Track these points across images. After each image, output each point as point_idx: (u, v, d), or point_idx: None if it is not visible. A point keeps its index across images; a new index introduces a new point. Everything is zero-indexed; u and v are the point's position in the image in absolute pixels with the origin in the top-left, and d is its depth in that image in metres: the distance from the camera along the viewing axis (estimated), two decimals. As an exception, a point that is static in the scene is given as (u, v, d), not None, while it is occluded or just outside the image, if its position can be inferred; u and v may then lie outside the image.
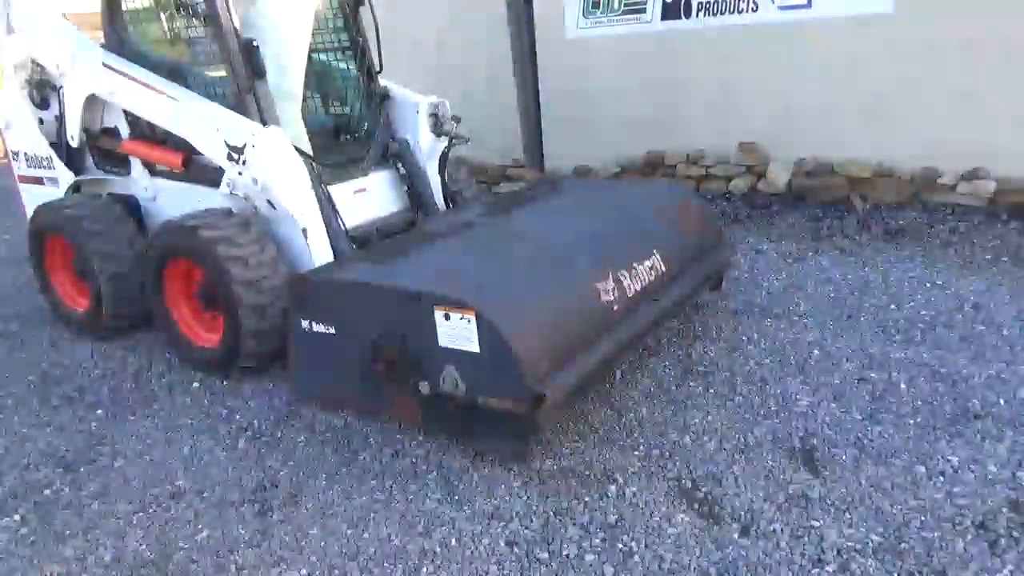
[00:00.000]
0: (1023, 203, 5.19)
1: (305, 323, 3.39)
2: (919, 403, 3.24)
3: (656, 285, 3.60)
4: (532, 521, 2.68)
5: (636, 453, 3.05)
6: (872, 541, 2.45)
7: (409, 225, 4.60)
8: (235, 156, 3.86)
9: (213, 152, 3.98)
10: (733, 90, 6.20)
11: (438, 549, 2.58)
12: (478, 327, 2.79)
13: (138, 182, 4.64)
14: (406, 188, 4.69)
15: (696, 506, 2.70)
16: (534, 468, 2.97)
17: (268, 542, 2.70)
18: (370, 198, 4.52)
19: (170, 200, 4.50)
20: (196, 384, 3.97)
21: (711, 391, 3.49)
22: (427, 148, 4.73)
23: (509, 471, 2.97)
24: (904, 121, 5.50)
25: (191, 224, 3.79)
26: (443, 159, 4.74)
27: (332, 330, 3.31)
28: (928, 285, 4.53)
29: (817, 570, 2.35)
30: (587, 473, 2.94)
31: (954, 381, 3.39)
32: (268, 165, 3.78)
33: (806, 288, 4.65)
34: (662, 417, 3.30)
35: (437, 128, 4.75)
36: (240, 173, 3.88)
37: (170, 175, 4.45)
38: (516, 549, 2.55)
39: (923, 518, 2.54)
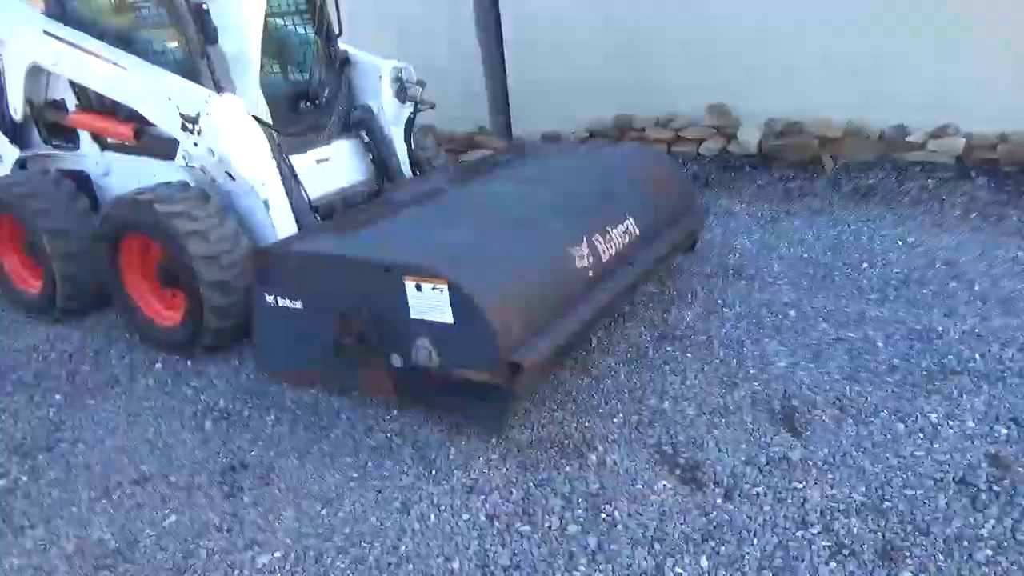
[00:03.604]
0: (991, 160, 5.19)
1: (269, 298, 3.26)
2: (896, 361, 3.23)
3: (631, 249, 3.53)
4: (512, 494, 2.61)
5: (615, 420, 2.99)
6: (855, 500, 2.43)
7: (375, 195, 4.47)
8: (189, 126, 3.68)
9: (166, 122, 3.79)
10: (703, 51, 6.10)
11: (416, 525, 2.51)
12: (451, 297, 2.69)
13: (88, 157, 4.43)
14: (371, 157, 4.54)
15: (678, 472, 2.66)
16: (512, 439, 2.90)
17: (239, 525, 2.61)
18: (333, 167, 4.36)
19: (123, 175, 4.30)
20: (159, 365, 3.82)
21: (688, 355, 3.45)
22: (391, 115, 4.57)
23: (486, 444, 2.90)
24: (876, 78, 5.46)
25: (145, 198, 3.61)
26: (408, 126, 4.59)
27: (298, 304, 3.19)
28: (900, 243, 4.53)
29: (801, 532, 2.32)
30: (566, 442, 2.88)
31: (930, 338, 3.39)
32: (225, 134, 3.61)
33: (779, 249, 4.63)
34: (640, 383, 3.25)
35: (401, 94, 4.59)
36: (195, 144, 3.70)
37: (122, 148, 4.25)
38: (497, 523, 2.49)
39: (904, 476, 2.53)
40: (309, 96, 4.38)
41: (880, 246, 4.51)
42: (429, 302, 2.77)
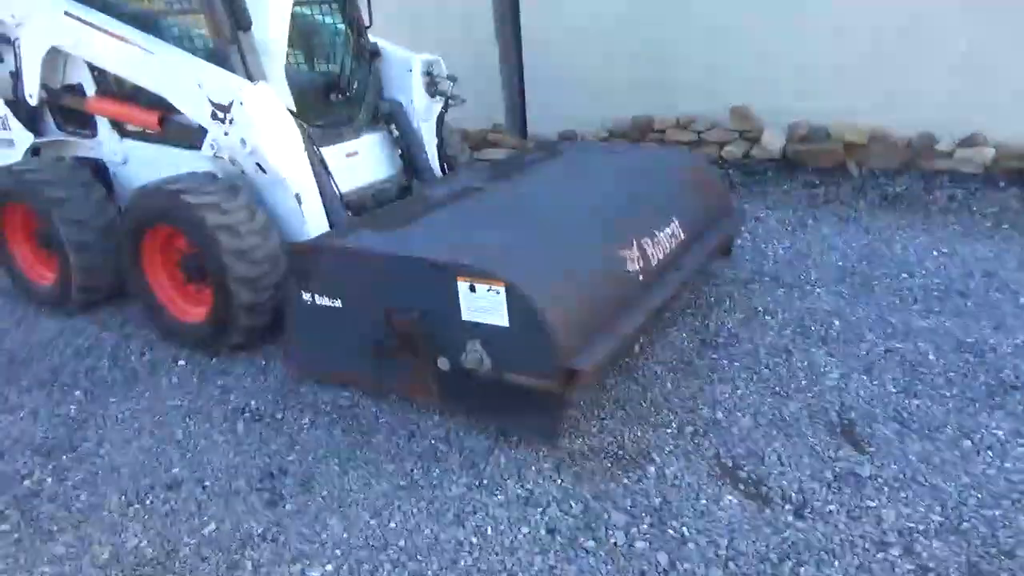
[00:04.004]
0: (1020, 170, 5.14)
1: (307, 296, 3.13)
2: (952, 374, 3.15)
3: (677, 253, 3.43)
4: (571, 506, 2.50)
5: (668, 431, 2.89)
6: (933, 520, 2.34)
7: (404, 191, 4.35)
8: (220, 115, 3.53)
9: (194, 111, 3.64)
10: (725, 52, 6.01)
11: (474, 539, 2.39)
12: (508, 300, 2.58)
13: (106, 144, 4.27)
14: (399, 152, 4.41)
15: (742, 486, 2.56)
16: (563, 448, 2.79)
17: (284, 535, 2.48)
18: (362, 162, 4.23)
19: (142, 164, 4.14)
20: (182, 362, 3.68)
21: (736, 363, 3.35)
22: (421, 109, 4.45)
23: (537, 452, 2.79)
24: (903, 85, 5.39)
25: (174, 188, 3.46)
26: (440, 121, 4.47)
27: (338, 303, 3.06)
28: (935, 253, 4.46)
29: (882, 553, 2.23)
30: (620, 453, 2.77)
31: (981, 351, 3.31)
32: (258, 125, 3.47)
33: (812, 256, 4.54)
34: (689, 392, 3.15)
35: (431, 88, 4.47)
36: (226, 133, 3.56)
37: (142, 136, 4.10)
38: (559, 537, 2.37)
39: (979, 495, 2.44)
40: (338, 88, 4.24)
41: (915, 255, 4.44)
42: (483, 304, 2.65)
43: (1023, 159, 5.14)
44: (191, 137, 3.79)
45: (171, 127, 3.88)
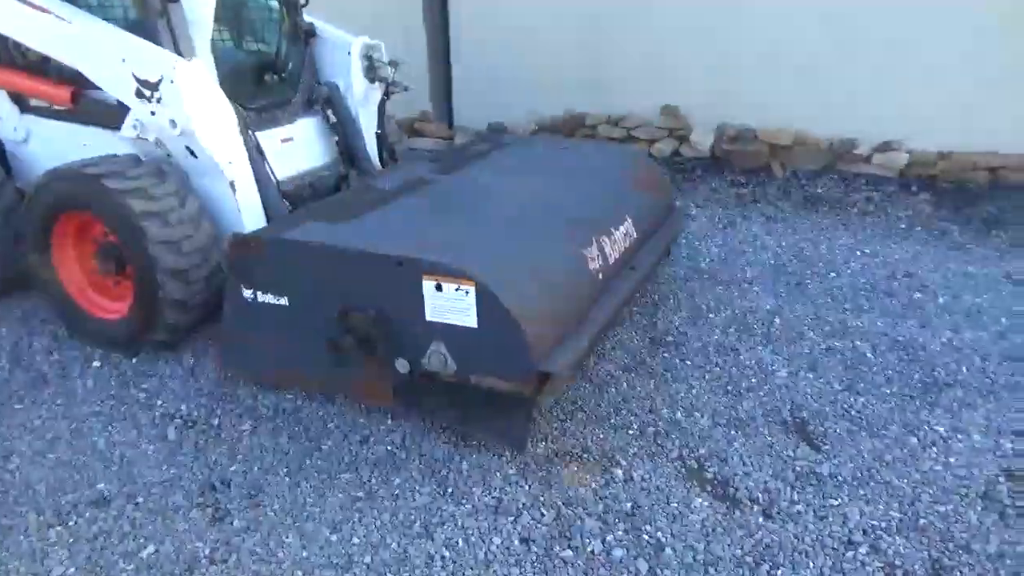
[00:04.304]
0: (932, 175, 5.44)
1: (248, 292, 2.90)
2: (890, 372, 3.27)
3: (630, 252, 3.40)
4: (543, 514, 2.43)
5: (630, 432, 2.86)
6: (893, 518, 2.41)
7: (342, 180, 4.13)
8: (146, 92, 3.23)
9: (115, 87, 3.31)
10: (656, 52, 6.07)
11: (446, 552, 2.27)
12: (478, 300, 2.47)
13: (4, 120, 3.84)
14: (336, 139, 4.19)
15: (709, 488, 2.56)
16: (527, 452, 2.71)
17: (235, 555, 2.28)
18: (298, 148, 3.99)
19: (48, 142, 3.76)
20: (97, 363, 3.36)
21: (687, 362, 3.36)
22: (360, 95, 4.24)
23: (500, 457, 2.70)
24: (826, 91, 5.60)
25: (93, 172, 3.14)
26: (381, 109, 4.27)
27: (284, 301, 2.85)
28: (859, 253, 4.65)
29: (851, 553, 2.27)
30: (585, 456, 2.72)
31: (912, 349, 3.46)
32: (190, 105, 3.19)
33: (746, 255, 4.65)
34: (645, 391, 3.13)
35: (371, 73, 4.27)
36: (153, 113, 3.25)
37: (49, 112, 3.70)
38: (534, 547, 2.29)
39: (931, 491, 2.53)
40: (273, 69, 3.98)
41: (841, 256, 4.61)
42: (449, 304, 2.53)
43: (934, 166, 5.44)
44: (108, 116, 3.46)
45: (85, 104, 3.53)
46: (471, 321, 2.51)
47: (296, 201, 3.74)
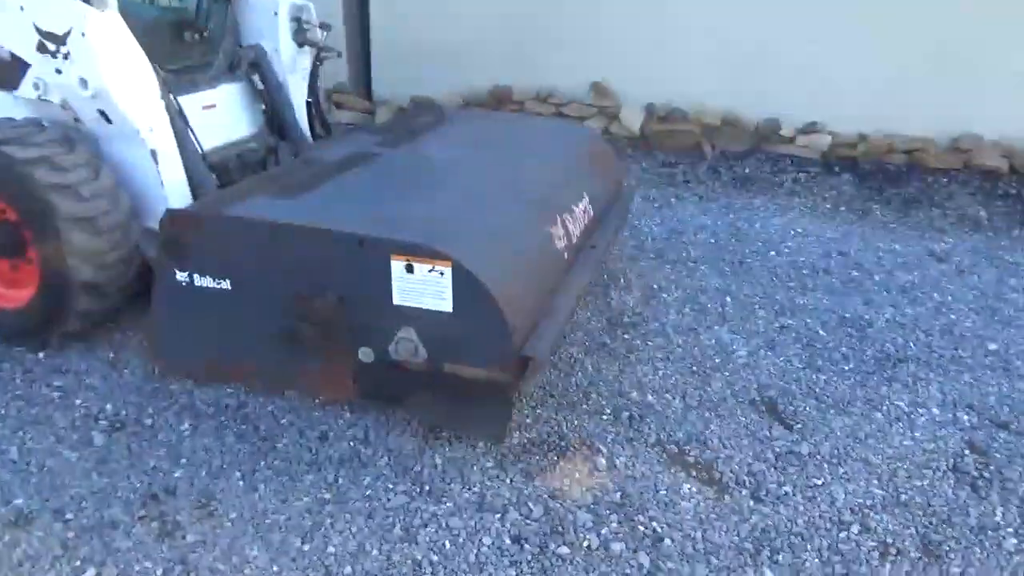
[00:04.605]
0: (853, 157, 5.62)
1: (182, 276, 2.58)
2: (844, 349, 3.31)
3: (589, 230, 3.28)
4: (531, 508, 2.28)
5: (604, 417, 2.75)
6: (876, 495, 2.42)
7: (270, 153, 3.79)
8: (51, 47, 2.81)
9: (12, 39, 2.87)
10: (585, 27, 5.97)
11: (433, 556, 2.09)
12: (455, 281, 2.27)
13: None
14: (263, 107, 3.84)
15: (694, 473, 2.49)
16: (503, 443, 2.55)
17: (193, 574, 2.00)
18: (221, 115, 3.62)
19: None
20: (-4, 358, 2.93)
21: (649, 343, 3.29)
22: (288, 59, 3.89)
23: (474, 448, 2.52)
24: (750, 74, 5.66)
25: (-12, 139, 2.71)
26: (314, 76, 3.94)
27: (226, 284, 2.55)
28: (792, 232, 4.74)
29: (844, 533, 2.25)
30: (563, 444, 2.59)
31: (861, 326, 3.53)
32: (105, 62, 2.79)
33: (686, 234, 4.64)
34: (611, 374, 3.03)
35: (300, 36, 3.92)
36: (59, 71, 2.83)
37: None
38: (527, 545, 2.14)
39: (905, 466, 2.56)
40: (193, 27, 3.58)
41: (776, 235, 4.68)
42: (421, 286, 2.32)
43: (854, 148, 5.62)
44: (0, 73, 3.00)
45: (-30, 58, 3.04)
46: (446, 305, 2.31)
47: (222, 175, 3.39)
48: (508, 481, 2.39)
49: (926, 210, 5.05)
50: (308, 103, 3.99)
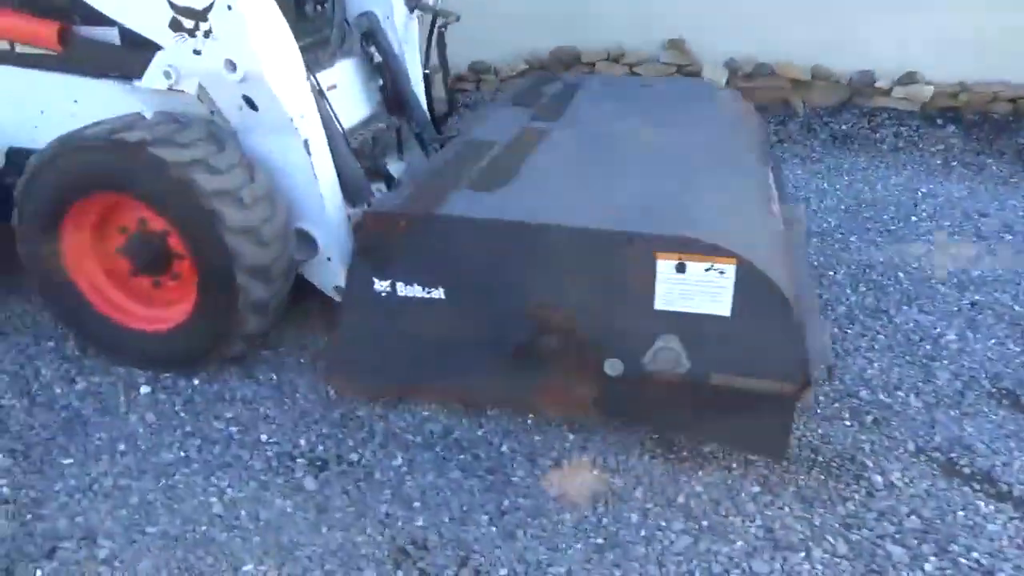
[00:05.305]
0: (954, 107, 5.32)
1: (383, 284, 2.24)
2: (1050, 324, 3.05)
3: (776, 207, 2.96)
4: (832, 544, 2.00)
5: (847, 423, 2.48)
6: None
7: (397, 133, 3.40)
8: (189, 24, 2.39)
9: (139, 18, 2.44)
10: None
11: None
12: (737, 282, 1.96)
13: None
14: (380, 83, 3.42)
15: (978, 486, 2.23)
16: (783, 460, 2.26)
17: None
18: (343, 96, 3.20)
19: (11, 100, 2.80)
20: (145, 388, 2.57)
21: (847, 331, 3.00)
22: (400, 27, 3.47)
23: (728, 470, 2.23)
24: (839, 21, 5.30)
25: (133, 139, 2.31)
26: (440, 44, 3.52)
27: (439, 293, 2.21)
28: (920, 193, 4.46)
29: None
30: (818, 458, 2.32)
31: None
32: (257, 38, 2.38)
33: (812, 201, 4.34)
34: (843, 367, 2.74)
35: (411, 1, 3.49)
36: (198, 52, 2.42)
37: (14, 58, 2.74)
38: (856, 590, 1.87)
39: None
40: (307, -6, 3.13)
41: (905, 197, 4.39)
42: (690, 288, 2.01)
43: (955, 97, 5.32)
44: (109, 60, 2.58)
45: (78, 45, 2.61)
46: (722, 308, 2.01)
47: (362, 163, 3.00)
48: (786, 509, 2.11)
49: (1044, 162, 4.79)
50: (425, 75, 3.58)
